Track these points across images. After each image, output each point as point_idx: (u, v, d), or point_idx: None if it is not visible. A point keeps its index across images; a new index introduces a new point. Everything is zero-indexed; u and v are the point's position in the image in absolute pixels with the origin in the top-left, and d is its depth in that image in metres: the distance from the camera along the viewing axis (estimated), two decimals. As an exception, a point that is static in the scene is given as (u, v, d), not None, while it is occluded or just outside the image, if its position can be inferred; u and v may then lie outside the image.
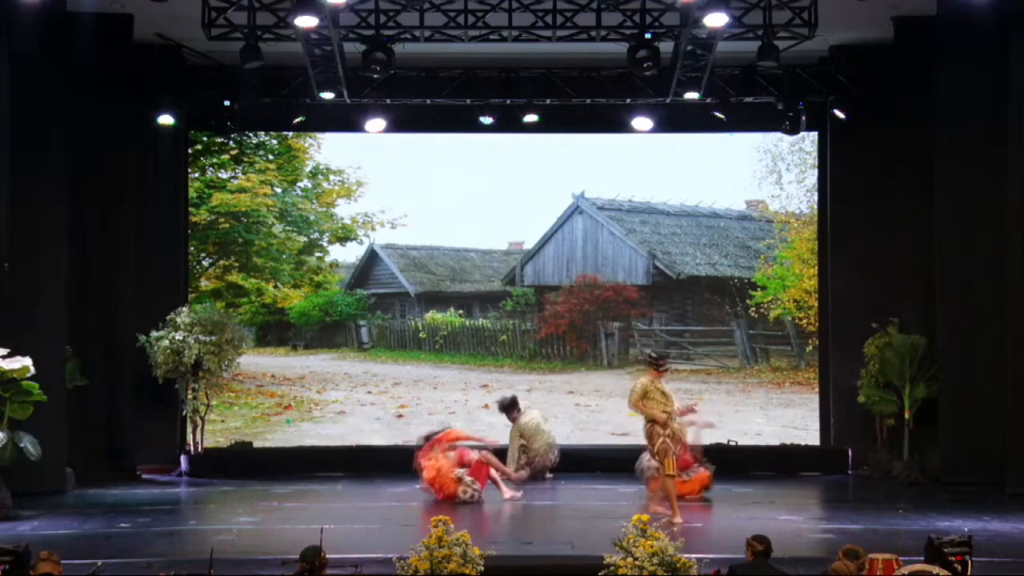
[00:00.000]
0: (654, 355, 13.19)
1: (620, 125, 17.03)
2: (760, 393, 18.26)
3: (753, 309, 18.41)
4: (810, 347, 18.06)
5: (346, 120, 17.04)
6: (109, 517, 12.87)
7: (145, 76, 16.03)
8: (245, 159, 18.60)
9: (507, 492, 14.02)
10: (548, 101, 16.80)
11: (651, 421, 12.73)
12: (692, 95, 15.90)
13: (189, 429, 16.67)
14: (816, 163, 17.74)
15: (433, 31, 14.46)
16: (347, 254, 18.84)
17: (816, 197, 17.79)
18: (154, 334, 16.13)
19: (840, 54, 16.45)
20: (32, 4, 13.42)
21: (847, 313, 16.88)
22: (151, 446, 16.40)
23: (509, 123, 17.08)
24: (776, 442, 17.28)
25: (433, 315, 18.78)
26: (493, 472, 14.10)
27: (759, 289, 18.42)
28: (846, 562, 8.38)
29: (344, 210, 18.69)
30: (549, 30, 14.44)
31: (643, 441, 13.48)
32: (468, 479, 13.82)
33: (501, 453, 14.86)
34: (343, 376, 18.65)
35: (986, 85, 14.79)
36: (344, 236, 18.71)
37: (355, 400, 18.34)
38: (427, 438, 14.31)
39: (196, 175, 18.17)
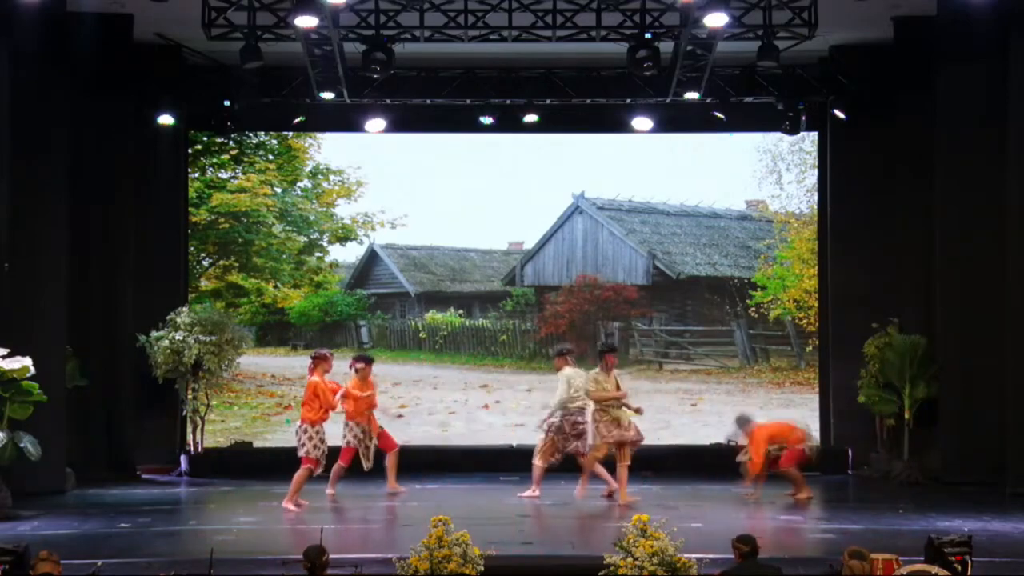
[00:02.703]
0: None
1: (620, 125, 17.04)
2: (760, 393, 18.24)
3: (753, 309, 18.41)
4: (810, 347, 18.06)
5: (346, 120, 17.05)
6: (109, 517, 12.87)
7: (145, 76, 16.03)
8: (245, 159, 18.59)
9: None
10: (548, 101, 16.81)
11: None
12: (692, 95, 15.90)
13: (189, 429, 16.68)
14: (816, 163, 17.74)
15: (433, 31, 14.46)
16: (347, 254, 18.84)
17: (816, 197, 17.80)
18: (154, 334, 16.14)
19: (840, 54, 16.45)
20: (32, 4, 13.43)
21: (847, 313, 16.90)
22: (151, 446, 16.41)
23: (509, 123, 17.09)
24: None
25: (433, 315, 18.77)
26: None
27: (759, 289, 18.42)
28: (861, 563, 8.35)
29: (344, 210, 18.69)
30: (549, 30, 14.45)
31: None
32: None
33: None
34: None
35: (986, 85, 14.79)
36: (344, 236, 18.70)
37: (355, 400, 18.29)
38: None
39: (196, 175, 18.17)
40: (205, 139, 18.20)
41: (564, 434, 13.95)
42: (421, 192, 18.23)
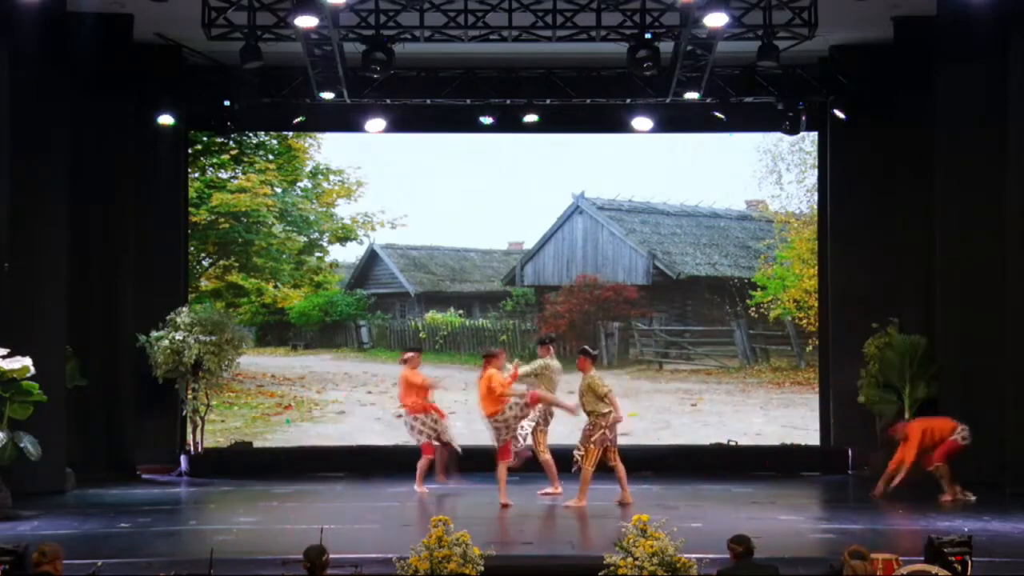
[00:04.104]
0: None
1: (620, 125, 17.05)
2: (760, 393, 18.25)
3: (753, 309, 18.41)
4: (810, 347, 18.05)
5: (346, 120, 17.05)
6: (109, 517, 12.86)
7: (145, 76, 16.03)
8: (245, 159, 18.60)
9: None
10: (548, 101, 16.81)
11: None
12: (692, 95, 15.91)
13: (189, 429, 16.68)
14: (816, 163, 17.75)
15: (433, 31, 14.47)
16: (347, 254, 18.85)
17: (816, 197, 17.80)
18: (154, 334, 16.14)
19: (840, 54, 16.45)
20: (32, 4, 13.43)
21: (847, 313, 16.90)
22: (151, 446, 16.42)
23: (509, 123, 17.10)
24: (776, 442, 17.29)
25: (433, 315, 18.77)
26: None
27: (759, 289, 18.42)
28: (863, 563, 8.33)
29: (344, 210, 18.70)
30: (549, 30, 14.45)
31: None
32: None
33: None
34: (343, 376, 18.64)
35: (986, 85, 14.79)
36: (344, 236, 18.71)
37: (355, 400, 18.32)
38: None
39: (196, 175, 18.17)
40: (205, 139, 18.20)
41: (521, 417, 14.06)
42: (421, 192, 18.24)
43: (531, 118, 16.99)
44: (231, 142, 18.23)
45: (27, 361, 13.05)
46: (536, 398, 13.82)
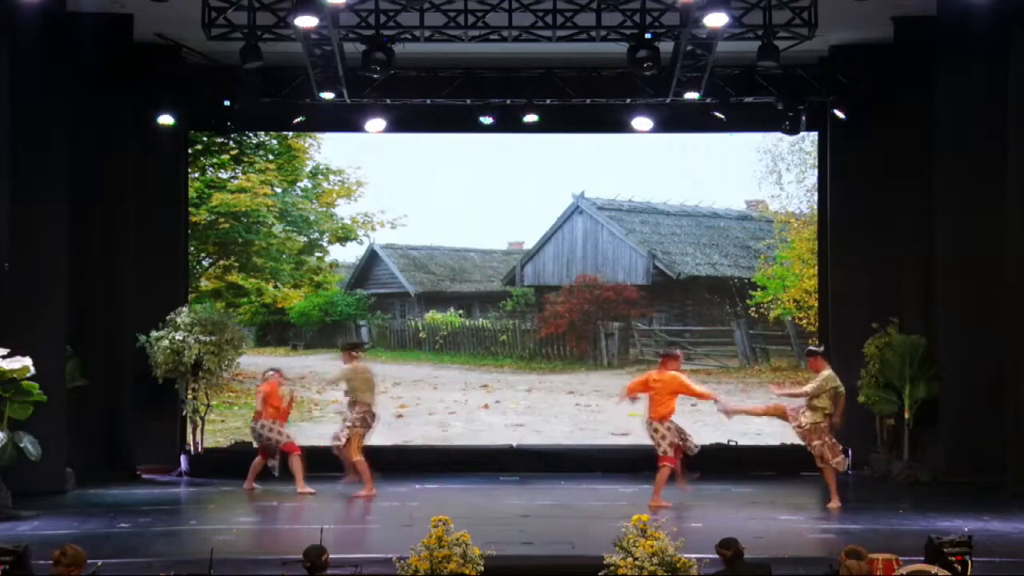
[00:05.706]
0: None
1: (620, 125, 17.04)
2: (760, 393, 18.19)
3: (753, 309, 18.41)
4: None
5: (346, 120, 17.04)
6: (109, 517, 12.87)
7: (145, 76, 16.02)
8: (245, 159, 18.60)
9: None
10: (548, 101, 16.80)
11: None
12: (692, 95, 15.90)
13: (189, 429, 16.69)
14: (816, 163, 17.75)
15: (433, 31, 14.46)
16: (347, 254, 18.85)
17: (816, 197, 17.80)
18: (154, 334, 16.14)
19: (840, 54, 16.45)
20: (32, 4, 13.42)
21: (847, 313, 16.89)
22: (151, 446, 16.41)
23: (509, 123, 17.09)
24: (776, 442, 17.26)
25: (433, 315, 18.77)
26: None
27: (759, 289, 18.42)
28: (858, 563, 8.34)
29: (344, 210, 18.70)
30: (549, 30, 14.45)
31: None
32: None
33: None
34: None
35: (986, 85, 14.80)
36: (344, 236, 18.71)
37: (355, 400, 18.28)
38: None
39: (196, 175, 18.17)
40: (205, 139, 18.20)
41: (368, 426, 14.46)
42: (421, 192, 18.24)
43: (531, 118, 16.98)
44: (231, 142, 18.23)
45: (27, 361, 13.05)
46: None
